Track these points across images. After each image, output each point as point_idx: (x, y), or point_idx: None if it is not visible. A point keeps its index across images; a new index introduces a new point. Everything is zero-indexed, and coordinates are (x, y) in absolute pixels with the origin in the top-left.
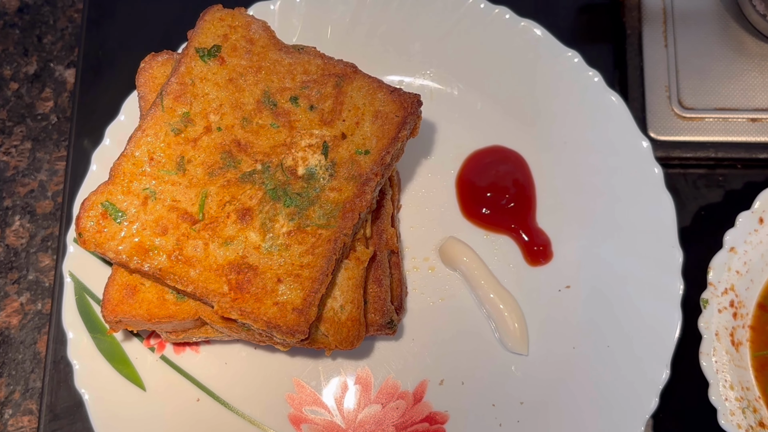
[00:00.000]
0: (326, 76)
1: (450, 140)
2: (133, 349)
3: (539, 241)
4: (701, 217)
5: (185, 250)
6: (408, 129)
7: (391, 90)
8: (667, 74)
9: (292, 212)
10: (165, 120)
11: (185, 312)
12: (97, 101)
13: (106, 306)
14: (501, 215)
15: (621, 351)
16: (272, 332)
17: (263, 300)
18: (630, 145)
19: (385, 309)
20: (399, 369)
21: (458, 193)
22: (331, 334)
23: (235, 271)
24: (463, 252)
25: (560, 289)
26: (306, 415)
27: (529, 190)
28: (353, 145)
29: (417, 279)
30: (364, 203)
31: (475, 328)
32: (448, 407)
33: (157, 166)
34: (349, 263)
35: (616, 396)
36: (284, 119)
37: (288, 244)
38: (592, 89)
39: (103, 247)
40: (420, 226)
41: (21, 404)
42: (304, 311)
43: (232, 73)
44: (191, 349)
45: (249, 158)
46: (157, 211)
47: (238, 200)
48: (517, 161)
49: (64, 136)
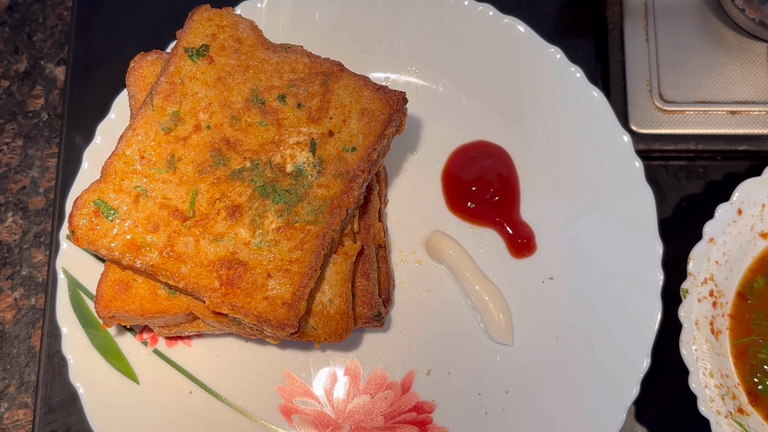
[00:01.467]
0: (313, 75)
1: (435, 136)
2: (126, 344)
3: (523, 234)
4: (682, 208)
5: (176, 246)
6: (394, 126)
7: (377, 88)
8: (648, 68)
9: (281, 209)
10: (155, 119)
11: (177, 307)
12: (87, 98)
13: (99, 302)
14: (486, 209)
15: (603, 341)
16: (263, 326)
17: (253, 295)
18: (611, 140)
19: (373, 302)
20: (387, 360)
21: (444, 187)
22: (320, 327)
23: (226, 267)
24: (449, 245)
25: (544, 280)
26: (297, 406)
27: (514, 184)
28: (340, 142)
29: (404, 272)
30: (352, 199)
31: (461, 319)
32: (435, 397)
33: (148, 164)
34: (337, 258)
35: (599, 384)
36: (272, 117)
37: (277, 239)
38: (574, 85)
39: (96, 244)
40: (407, 220)
41: (16, 398)
42: (294, 305)
43: (220, 72)
44: (183, 342)
45: (238, 156)
46: (148, 209)
47: (227, 197)
48: (502, 156)
49: (55, 133)
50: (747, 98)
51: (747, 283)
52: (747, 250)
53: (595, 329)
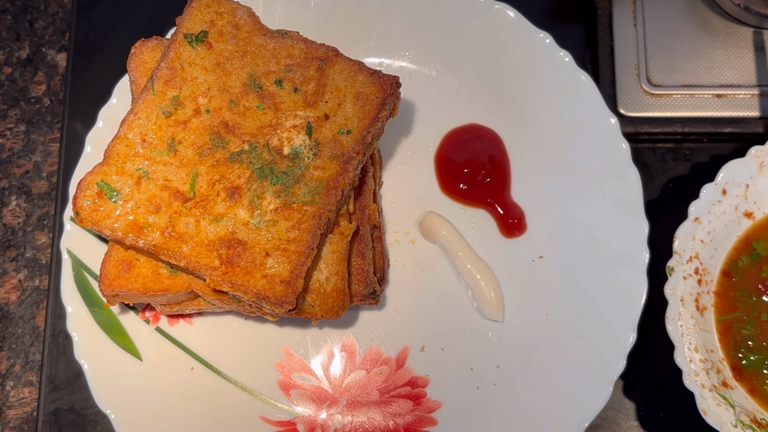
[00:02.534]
0: (309, 60)
1: (428, 119)
2: (129, 322)
3: (514, 214)
4: (669, 189)
5: (178, 226)
6: (388, 109)
7: (371, 72)
8: (637, 53)
9: (278, 190)
10: (156, 103)
11: (179, 285)
12: (89, 84)
13: (103, 281)
14: (478, 190)
15: (591, 317)
16: (261, 303)
17: (252, 273)
18: (599, 122)
19: (369, 280)
20: (382, 337)
21: (437, 169)
22: (317, 305)
23: (226, 246)
24: (441, 225)
25: (534, 259)
26: (295, 382)
27: (505, 166)
28: (336, 125)
29: (398, 252)
30: (347, 180)
31: (454, 297)
32: (428, 372)
33: (149, 147)
34: (333, 237)
35: (587, 359)
36: (270, 101)
37: (275, 220)
38: (563, 69)
39: (100, 225)
40: (401, 201)
41: (22, 376)
42: (292, 283)
43: (219, 58)
44: (185, 320)
45: (237, 139)
46: (150, 190)
47: (227, 179)
48: (493, 139)
49: (57, 118)
50: (732, 82)
51: (731, 261)
52: (731, 230)
53: (584, 306)
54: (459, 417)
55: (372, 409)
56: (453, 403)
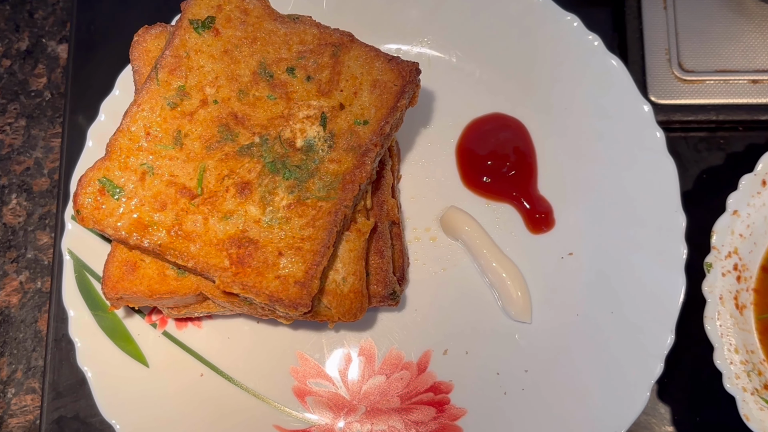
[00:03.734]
0: (322, 46)
1: (449, 109)
2: (134, 326)
3: (541, 208)
4: (703, 180)
5: (185, 225)
6: (407, 98)
7: (389, 58)
8: (667, 37)
9: (291, 185)
10: (160, 94)
11: (186, 287)
12: (91, 76)
13: (106, 283)
14: (502, 183)
15: (625, 317)
16: (275, 306)
17: (265, 274)
18: (631, 110)
19: (388, 280)
20: (402, 340)
21: (458, 162)
22: (333, 307)
23: (236, 246)
24: (464, 221)
25: (563, 256)
26: (310, 388)
27: (530, 158)
28: (352, 115)
29: (419, 249)
30: (364, 174)
31: (478, 297)
32: (452, 377)
33: (153, 140)
34: (350, 235)
35: (621, 362)
36: (281, 91)
37: (288, 217)
38: (592, 53)
39: (102, 223)
40: (421, 196)
41: (23, 383)
42: (306, 284)
43: (227, 45)
44: (193, 324)
45: (246, 131)
46: (155, 187)
47: (236, 174)
48: (518, 128)
49: (58, 112)
50: None
51: None
52: None
53: (617, 305)
54: (485, 424)
55: (392, 416)
56: (478, 409)
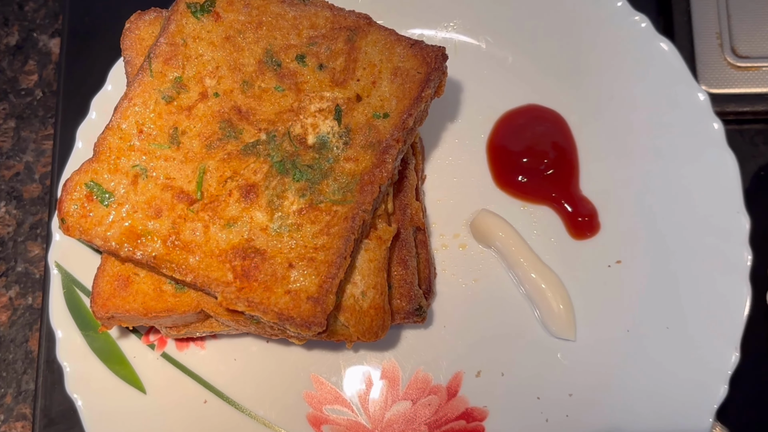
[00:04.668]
0: (336, 30)
1: (479, 100)
2: (130, 347)
3: (584, 211)
4: (761, 177)
5: (182, 234)
6: (432, 87)
7: (412, 43)
8: (718, 19)
9: (302, 187)
10: (154, 86)
11: (186, 304)
12: (86, 73)
13: (95, 300)
14: (539, 183)
15: (682, 333)
16: (285, 325)
17: (273, 288)
18: (685, 99)
19: (412, 294)
20: (430, 360)
21: (490, 159)
22: (352, 325)
23: (240, 257)
24: (497, 226)
25: (610, 264)
26: (327, 415)
27: (571, 154)
28: (370, 107)
29: (446, 258)
30: (385, 174)
31: (515, 311)
32: (486, 402)
33: (147, 139)
34: (369, 243)
35: (679, 384)
36: (290, 81)
37: (299, 223)
38: (640, 36)
39: (90, 233)
40: (448, 198)
41: (13, 409)
42: (321, 300)
43: (229, 31)
44: (195, 344)
45: (251, 127)
46: (149, 191)
47: (240, 175)
48: (556, 121)
49: (50, 112)
50: None
51: None
52: None
53: (673, 320)
54: None
55: None
56: None
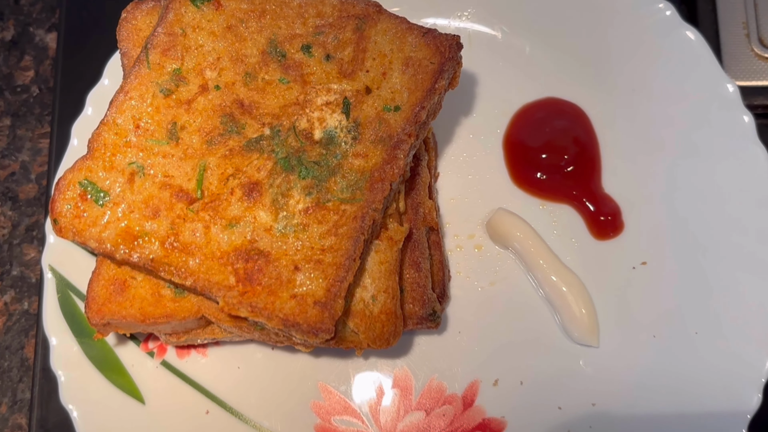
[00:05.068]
0: (344, 19)
1: (495, 93)
2: (128, 355)
3: (607, 209)
4: None
5: (182, 235)
6: (446, 78)
7: (424, 32)
8: (744, 8)
9: (308, 185)
10: (152, 79)
11: (185, 310)
12: (84, 68)
13: (90, 306)
14: (559, 180)
15: (712, 338)
16: (290, 331)
17: (278, 293)
18: (713, 90)
19: (426, 298)
20: (444, 368)
21: (507, 156)
22: (361, 331)
23: (243, 259)
24: (515, 226)
25: (635, 266)
26: (336, 426)
27: (592, 149)
28: (380, 100)
29: (461, 260)
30: (396, 171)
31: (534, 316)
32: (504, 412)
33: (144, 134)
34: (380, 245)
35: (709, 393)
36: (295, 73)
37: (305, 223)
38: (664, 25)
39: (84, 235)
40: (462, 196)
41: (9, 419)
42: (329, 305)
43: (230, 19)
44: (197, 352)
45: (255, 122)
46: (146, 190)
47: (243, 173)
48: (576, 115)
49: (47, 109)
50: None
51: None
52: None
53: (702, 324)
54: None
55: None
56: None
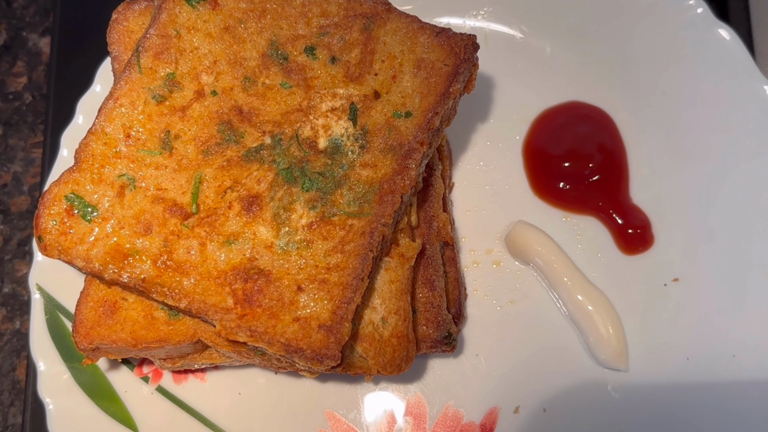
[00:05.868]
0: (351, 18)
1: (513, 97)
2: (121, 380)
3: (636, 221)
4: None
5: (176, 253)
6: (461, 82)
7: (437, 31)
8: None
9: (312, 198)
10: (143, 84)
11: (180, 333)
12: (79, 74)
13: (78, 330)
14: (584, 191)
15: (752, 361)
16: (293, 358)
17: (279, 315)
18: (749, 93)
19: (441, 319)
20: (461, 394)
21: (527, 164)
22: (371, 357)
23: (242, 279)
24: (536, 240)
25: (666, 283)
26: None
27: (619, 157)
28: (390, 105)
29: (478, 277)
30: (408, 182)
31: (557, 338)
32: None
33: (135, 144)
34: (390, 262)
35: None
36: (298, 77)
37: (309, 240)
38: (696, 23)
39: (70, 253)
40: (479, 209)
41: None
42: (334, 328)
43: (228, 20)
44: (195, 376)
45: (254, 130)
46: (137, 204)
47: (242, 185)
48: (602, 120)
49: (40, 117)
50: None
51: None
52: None
53: (740, 346)
54: None
55: None
56: None
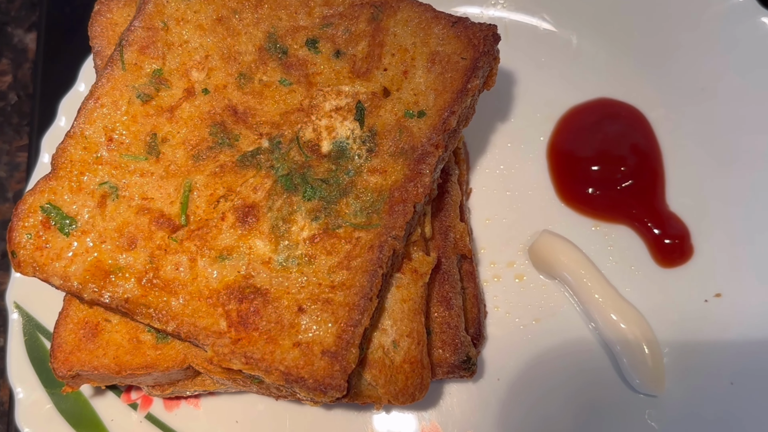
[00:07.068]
0: (357, 7)
1: (536, 93)
2: (106, 408)
3: (673, 231)
4: None
5: (163, 270)
6: (480, 77)
7: (453, 21)
8: None
9: (315, 208)
10: (127, 82)
11: (169, 359)
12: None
13: (56, 355)
14: (615, 197)
15: None
16: (293, 387)
17: (278, 340)
18: None
19: (458, 341)
20: (480, 422)
21: (552, 167)
22: (380, 385)
23: (236, 299)
24: (563, 251)
25: (707, 298)
26: None
27: (654, 160)
28: (401, 104)
29: (500, 293)
30: (421, 189)
31: (587, 360)
32: None
33: (118, 149)
34: (402, 279)
35: None
36: (299, 72)
37: (311, 255)
38: (737, 12)
39: (46, 270)
40: (500, 217)
41: None
42: (339, 355)
43: (221, 10)
44: (188, 403)
45: (250, 132)
46: (120, 215)
47: (236, 194)
48: (634, 119)
49: (26, 119)
50: None
51: None
52: None
53: None
54: None
55: None
56: None
